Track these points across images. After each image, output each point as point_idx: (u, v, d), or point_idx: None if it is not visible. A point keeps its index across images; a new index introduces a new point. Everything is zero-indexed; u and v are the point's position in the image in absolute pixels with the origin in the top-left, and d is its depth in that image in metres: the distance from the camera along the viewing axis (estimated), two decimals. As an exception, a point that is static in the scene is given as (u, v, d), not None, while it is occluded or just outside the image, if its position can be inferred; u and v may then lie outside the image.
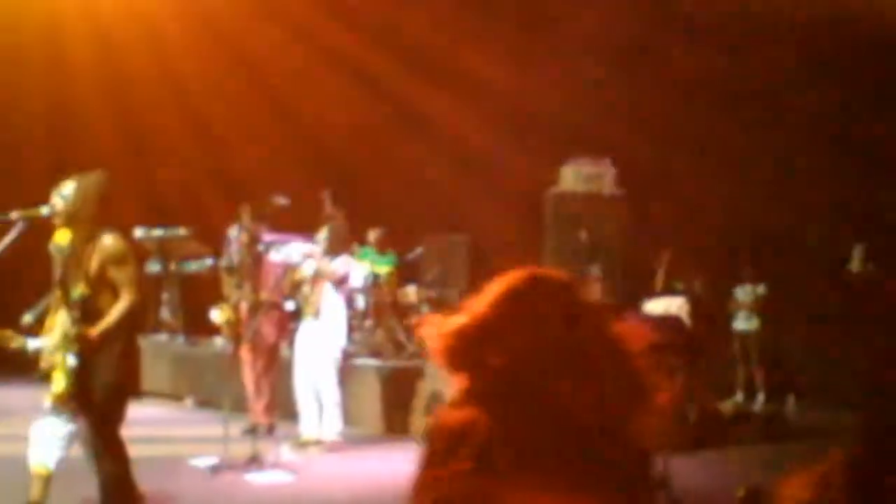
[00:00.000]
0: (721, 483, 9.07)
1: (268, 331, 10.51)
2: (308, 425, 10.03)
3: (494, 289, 2.04)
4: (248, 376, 10.62)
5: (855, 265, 12.41)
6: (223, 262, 11.90)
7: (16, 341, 6.23)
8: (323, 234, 10.17)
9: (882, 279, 7.42)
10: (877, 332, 6.59)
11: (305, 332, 10.10)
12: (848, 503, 1.93)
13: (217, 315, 10.96)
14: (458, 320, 1.97)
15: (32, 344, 6.27)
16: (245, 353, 10.61)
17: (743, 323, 13.74)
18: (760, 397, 13.55)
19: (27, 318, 6.44)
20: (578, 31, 14.45)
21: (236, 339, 10.65)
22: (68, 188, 6.22)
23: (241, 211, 13.87)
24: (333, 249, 10.07)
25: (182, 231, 13.40)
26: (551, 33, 14.84)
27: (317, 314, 9.94)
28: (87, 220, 6.20)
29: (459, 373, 1.95)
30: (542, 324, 1.89)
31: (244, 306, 10.80)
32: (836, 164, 12.97)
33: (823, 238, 12.95)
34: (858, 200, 12.56)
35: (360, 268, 12.42)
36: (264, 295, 10.42)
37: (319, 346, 9.96)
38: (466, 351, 1.91)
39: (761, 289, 13.56)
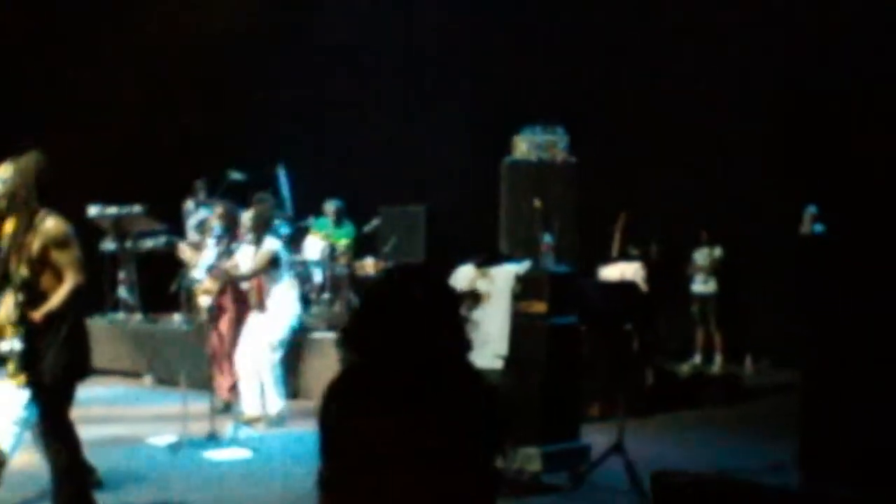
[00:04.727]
0: (677, 446, 9.20)
1: (234, 307, 10.47)
2: (249, 403, 10.05)
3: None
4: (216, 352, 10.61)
5: (805, 227, 12.51)
6: (190, 238, 11.89)
7: None
8: (247, 216, 10.08)
9: (829, 241, 7.54)
10: (818, 293, 6.68)
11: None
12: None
13: (206, 300, 10.77)
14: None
15: None
16: (210, 330, 10.60)
17: (700, 286, 13.83)
18: (718, 359, 13.66)
19: None
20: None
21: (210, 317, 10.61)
22: (6, 171, 6.15)
23: (196, 186, 13.90)
24: (257, 231, 9.97)
25: (136, 208, 13.32)
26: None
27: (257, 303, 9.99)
28: (28, 203, 6.13)
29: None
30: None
31: (214, 285, 10.74)
32: (788, 123, 13.06)
33: (778, 199, 13.03)
34: (810, 161, 12.65)
35: (315, 241, 12.45)
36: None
37: (260, 325, 9.98)
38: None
39: (718, 251, 13.65)
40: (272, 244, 9.98)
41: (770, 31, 13.39)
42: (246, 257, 10.07)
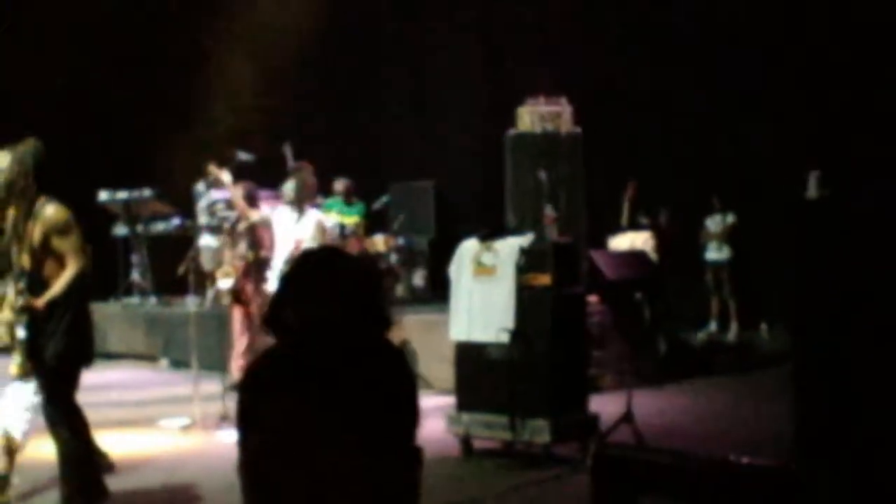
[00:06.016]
0: (688, 415, 9.18)
1: (254, 290, 10.46)
2: None
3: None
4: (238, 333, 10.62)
5: (811, 191, 12.36)
6: (200, 220, 11.93)
7: None
8: (290, 185, 10.09)
9: (835, 205, 7.44)
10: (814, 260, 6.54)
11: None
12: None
13: (226, 283, 10.75)
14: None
15: None
16: (236, 311, 10.61)
17: (714, 253, 13.75)
18: (734, 327, 13.60)
19: None
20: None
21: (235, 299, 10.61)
22: (3, 160, 6.16)
23: (206, 168, 13.87)
24: (301, 200, 9.98)
25: (147, 192, 13.35)
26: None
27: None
28: (26, 191, 6.13)
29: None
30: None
31: (238, 264, 10.75)
32: (796, 90, 12.94)
33: (789, 163, 12.92)
34: (815, 126, 12.53)
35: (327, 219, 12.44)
36: (263, 252, 10.33)
37: None
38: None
39: (731, 218, 13.56)
40: (317, 214, 10.04)
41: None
42: (288, 223, 10.02)
